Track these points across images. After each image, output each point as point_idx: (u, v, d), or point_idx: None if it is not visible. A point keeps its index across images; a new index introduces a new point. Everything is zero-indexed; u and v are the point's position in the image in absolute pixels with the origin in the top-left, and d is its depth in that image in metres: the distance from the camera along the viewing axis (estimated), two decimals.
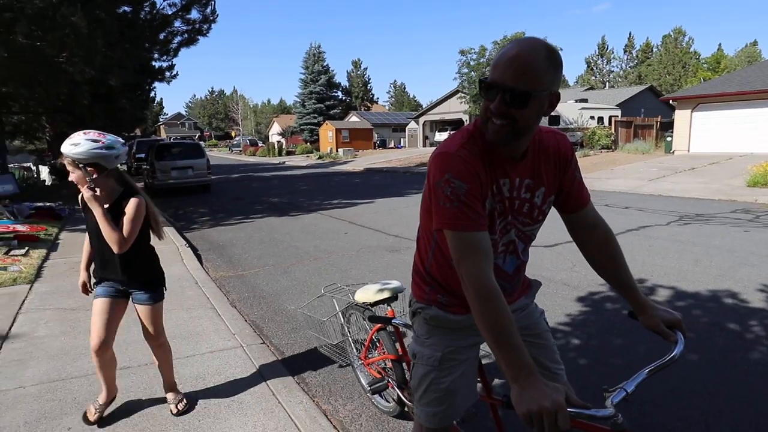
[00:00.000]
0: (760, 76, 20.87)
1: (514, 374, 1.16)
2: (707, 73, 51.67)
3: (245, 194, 14.32)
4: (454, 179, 1.31)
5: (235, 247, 7.11)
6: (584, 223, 1.57)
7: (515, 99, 1.24)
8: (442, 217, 1.32)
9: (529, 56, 1.23)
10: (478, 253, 1.29)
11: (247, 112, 69.64)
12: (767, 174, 12.38)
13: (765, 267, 5.35)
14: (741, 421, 2.56)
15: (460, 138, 1.39)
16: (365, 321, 2.69)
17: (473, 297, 1.26)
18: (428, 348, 1.58)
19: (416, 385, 1.60)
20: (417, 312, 1.63)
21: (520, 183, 1.43)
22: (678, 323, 1.43)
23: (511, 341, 1.19)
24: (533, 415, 1.08)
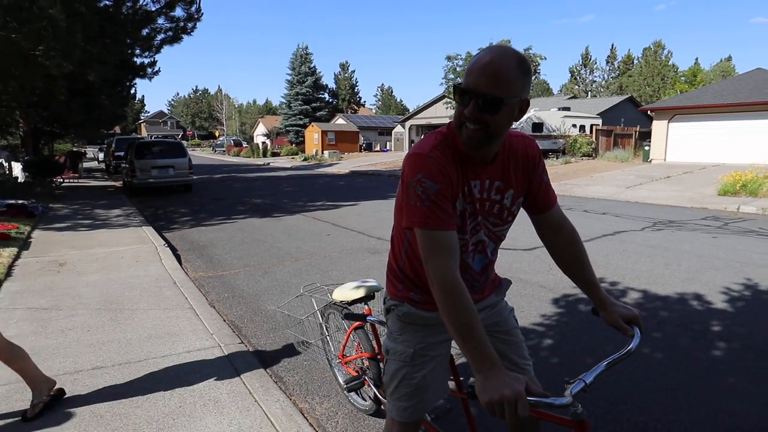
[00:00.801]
0: (732, 90, 21.50)
1: (478, 366, 1.22)
2: (684, 85, 52.91)
3: (228, 195, 14.23)
4: (426, 179, 1.35)
5: (216, 247, 7.08)
6: (551, 224, 1.62)
7: (488, 105, 1.28)
8: (413, 216, 1.36)
9: (502, 64, 1.28)
10: (446, 251, 1.33)
11: (232, 112, 69.03)
12: (737, 183, 12.77)
13: (729, 271, 5.56)
14: (700, 416, 2.67)
15: (433, 140, 1.43)
16: (343, 320, 2.73)
17: (439, 292, 1.31)
18: (401, 344, 1.62)
19: (389, 380, 1.65)
20: (390, 309, 1.67)
21: (491, 185, 1.48)
22: (635, 319, 1.50)
23: (475, 334, 1.24)
24: (494, 404, 1.14)
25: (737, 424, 2.62)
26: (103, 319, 4.00)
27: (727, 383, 3.05)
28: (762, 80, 21.62)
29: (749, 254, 6.40)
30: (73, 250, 6.50)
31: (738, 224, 8.83)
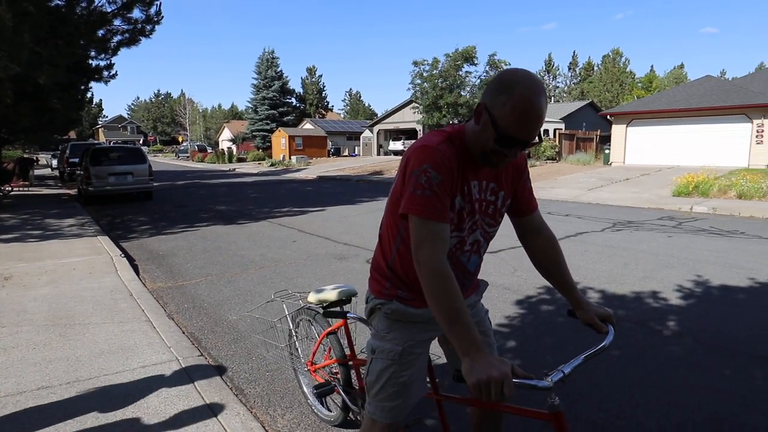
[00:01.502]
0: (684, 97, 22.47)
1: (465, 349, 1.26)
2: (641, 91, 55.03)
3: (191, 202, 13.87)
4: (431, 170, 1.40)
5: (177, 256, 6.87)
6: (531, 228, 1.71)
7: (530, 146, 1.41)
8: (412, 203, 1.39)
9: (544, 107, 1.35)
10: (438, 241, 1.38)
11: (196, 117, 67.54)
12: (690, 185, 13.32)
13: (682, 268, 5.77)
14: (655, 411, 2.74)
15: (440, 136, 1.49)
16: (314, 326, 2.67)
17: (429, 278, 1.35)
18: (388, 342, 1.61)
19: (374, 380, 1.62)
20: (376, 308, 1.67)
21: (486, 186, 1.56)
22: (609, 317, 1.59)
23: (463, 319, 1.30)
24: (482, 384, 1.19)
25: (689, 417, 2.70)
26: (50, 336, 3.80)
27: (680, 378, 3.14)
28: (711, 87, 22.68)
29: (701, 252, 6.65)
30: (20, 263, 6.18)
31: (691, 223, 9.19)
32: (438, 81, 26.85)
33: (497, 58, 27.00)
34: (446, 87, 26.81)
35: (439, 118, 27.31)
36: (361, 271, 5.86)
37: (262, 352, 3.55)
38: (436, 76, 26.92)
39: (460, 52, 26.43)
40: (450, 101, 26.43)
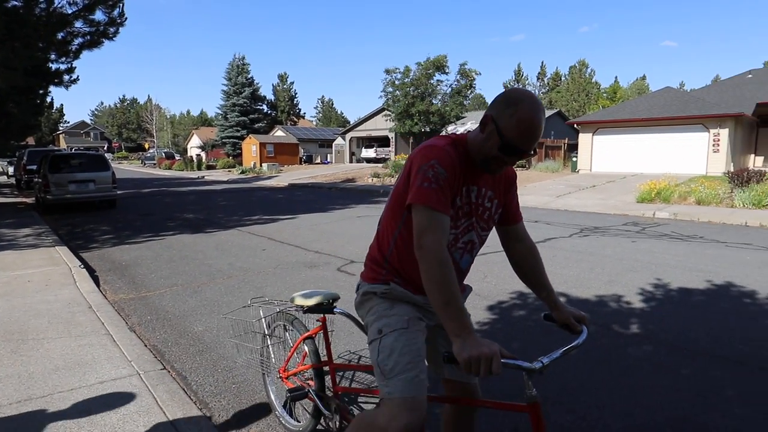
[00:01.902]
0: (646, 107, 23.29)
1: (457, 331, 1.37)
2: (606, 101, 56.77)
3: (157, 210, 13.51)
4: (439, 165, 1.52)
5: (140, 266, 6.66)
6: (515, 236, 1.86)
7: (527, 156, 1.56)
8: (419, 194, 1.50)
9: (543, 124, 1.51)
10: (441, 230, 1.49)
11: (163, 123, 66.09)
12: (652, 191, 13.77)
13: (645, 272, 5.93)
14: (619, 412, 2.78)
15: (446, 140, 1.63)
16: (290, 331, 2.61)
17: (430, 262, 1.44)
18: (394, 317, 1.67)
19: (387, 355, 1.60)
20: (371, 292, 1.73)
21: (485, 192, 1.70)
22: (583, 318, 1.72)
23: (458, 304, 1.43)
24: (473, 360, 1.30)
25: (652, 417, 2.75)
26: (1, 352, 3.60)
27: (644, 379, 3.20)
28: (670, 98, 23.58)
29: (663, 256, 6.86)
30: None
31: (654, 229, 9.48)
32: (410, 89, 27.08)
33: (468, 68, 27.47)
34: (418, 95, 27.06)
35: (411, 126, 27.52)
36: (332, 279, 5.80)
37: (233, 356, 3.45)
38: (408, 84, 27.15)
39: (432, 61, 26.75)
40: (422, 109, 26.68)
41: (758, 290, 5.19)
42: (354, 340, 3.88)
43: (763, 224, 9.89)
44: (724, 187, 13.81)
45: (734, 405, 2.88)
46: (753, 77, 27.09)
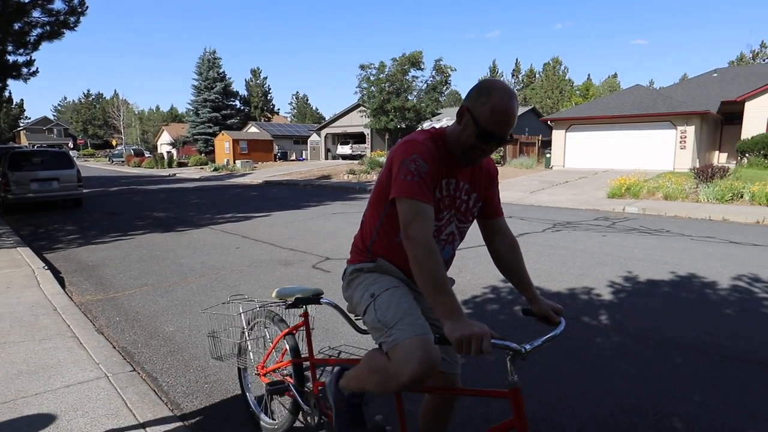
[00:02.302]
0: (617, 104, 23.83)
1: (448, 313, 1.41)
2: (579, 98, 57.91)
3: (125, 209, 13.17)
4: (420, 159, 1.58)
5: (108, 267, 6.49)
6: (497, 231, 1.90)
7: (504, 142, 1.60)
8: (402, 188, 1.56)
9: (516, 111, 1.58)
10: (426, 219, 1.54)
11: (132, 119, 64.36)
12: (622, 187, 14.12)
13: (615, 266, 6.09)
14: (588, 401, 2.85)
15: (425, 134, 1.69)
16: (270, 328, 2.59)
17: (421, 250, 1.49)
18: (385, 281, 1.74)
19: (385, 309, 1.64)
20: (358, 270, 1.81)
21: (462, 186, 1.75)
22: (561, 311, 1.78)
23: (447, 288, 1.47)
24: (464, 339, 1.33)
25: (618, 404, 2.83)
26: None
27: (612, 368, 3.29)
28: (640, 95, 24.18)
29: (631, 250, 7.05)
30: None
31: (623, 223, 9.73)
32: (385, 85, 27.06)
33: (443, 63, 27.59)
34: (393, 91, 27.07)
35: (386, 122, 27.53)
36: (307, 276, 5.77)
37: (208, 352, 3.37)
38: (383, 80, 27.12)
39: (407, 57, 26.79)
40: (397, 105, 26.71)
41: (720, 281, 5.38)
42: (329, 336, 3.88)
43: (725, 218, 10.25)
44: (690, 183, 14.26)
45: (695, 392, 2.98)
46: (718, 76, 28.02)
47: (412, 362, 1.47)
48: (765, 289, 5.10)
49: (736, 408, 2.80)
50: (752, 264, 6.17)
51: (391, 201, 1.61)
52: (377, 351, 1.68)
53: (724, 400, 2.88)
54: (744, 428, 2.60)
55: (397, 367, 1.52)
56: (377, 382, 1.64)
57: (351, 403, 1.84)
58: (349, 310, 1.93)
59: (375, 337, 1.68)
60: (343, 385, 1.86)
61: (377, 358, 1.65)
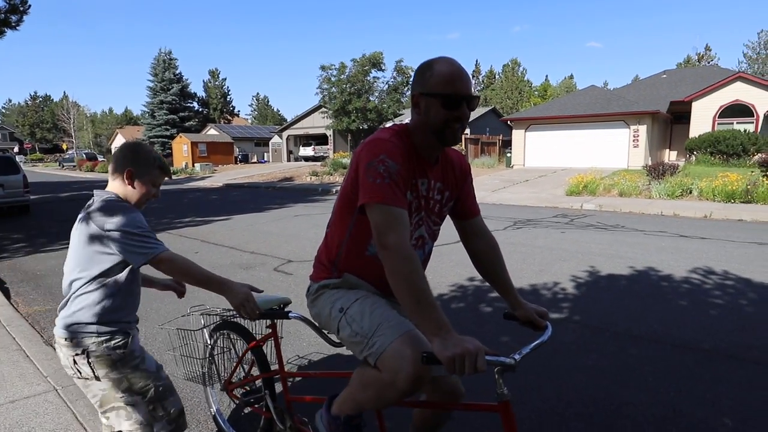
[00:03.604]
0: (573, 104, 24.61)
1: (435, 330, 1.27)
2: (538, 99, 59.50)
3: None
4: (388, 159, 1.43)
5: (58, 276, 6.11)
6: (474, 231, 1.80)
7: (471, 103, 1.49)
8: (372, 192, 1.40)
9: (463, 68, 1.50)
10: (402, 226, 1.39)
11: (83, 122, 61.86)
12: (580, 185, 14.57)
13: (573, 261, 6.27)
14: (547, 393, 2.91)
15: (389, 132, 1.55)
16: (236, 341, 2.44)
17: (398, 260, 1.34)
18: (353, 294, 1.61)
19: (359, 320, 1.52)
20: (324, 287, 1.68)
21: (434, 185, 1.63)
22: (545, 314, 1.71)
23: (432, 301, 1.31)
24: (457, 357, 1.20)
25: (578, 396, 2.91)
26: None
27: (570, 360, 3.37)
28: (595, 96, 25.03)
29: (589, 245, 7.28)
30: None
31: (581, 220, 10.04)
32: (346, 86, 26.99)
33: (404, 65, 27.76)
34: (354, 92, 27.03)
35: (348, 123, 27.47)
36: (268, 280, 5.67)
37: (173, 371, 3.25)
38: (344, 81, 27.05)
39: (368, 58, 26.81)
40: (358, 106, 26.69)
41: (672, 273, 5.62)
42: (301, 346, 3.82)
43: (676, 213, 10.73)
44: (643, 180, 14.86)
45: (648, 381, 3.09)
46: (667, 77, 29.33)
47: (405, 364, 1.34)
48: (712, 280, 5.36)
49: (686, 394, 2.91)
50: (700, 257, 6.47)
51: (360, 208, 1.47)
52: (365, 365, 1.52)
53: (675, 388, 2.99)
54: (694, 413, 2.72)
55: (390, 374, 1.38)
56: (373, 397, 1.47)
57: (351, 425, 1.64)
58: (320, 324, 1.79)
59: (357, 353, 1.53)
60: (337, 412, 1.65)
61: (367, 371, 1.50)
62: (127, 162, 1.89)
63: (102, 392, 1.84)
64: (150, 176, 1.93)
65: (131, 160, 1.90)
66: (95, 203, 1.87)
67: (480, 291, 4.98)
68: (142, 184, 1.90)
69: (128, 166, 1.89)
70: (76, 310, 1.80)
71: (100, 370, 1.80)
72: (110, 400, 1.85)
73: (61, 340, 1.81)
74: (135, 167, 1.89)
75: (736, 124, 22.01)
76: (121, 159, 1.90)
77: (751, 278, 5.38)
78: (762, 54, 51.30)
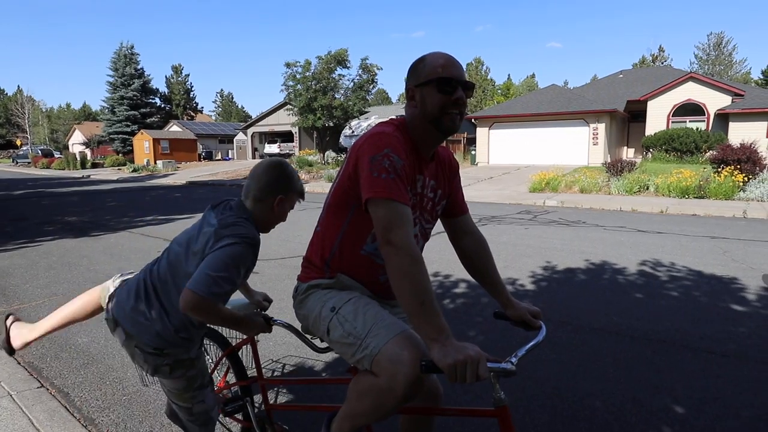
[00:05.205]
0: (535, 102, 25.16)
1: (434, 335, 1.22)
2: (501, 97, 60.57)
3: (32, 214, 12.07)
4: (393, 154, 1.39)
5: (12, 276, 5.91)
6: (463, 229, 1.77)
7: (468, 88, 1.47)
8: (377, 187, 1.35)
9: (454, 58, 1.50)
10: (408, 223, 1.35)
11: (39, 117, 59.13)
12: (542, 182, 14.93)
13: (537, 257, 6.43)
14: (513, 387, 2.97)
15: (392, 126, 1.51)
16: (209, 346, 2.33)
17: (403, 259, 1.29)
18: (346, 293, 1.54)
19: (352, 320, 1.44)
20: (314, 287, 1.59)
21: (428, 182, 1.59)
22: (539, 314, 1.67)
23: (435, 304, 1.26)
24: (458, 365, 1.16)
25: (540, 389, 2.99)
26: None
27: (533, 354, 3.44)
28: (556, 95, 25.66)
29: (551, 240, 7.48)
30: None
31: (544, 216, 10.30)
32: (311, 83, 26.74)
33: (369, 62, 27.70)
34: (320, 89, 26.81)
35: (314, 121, 27.24)
36: None
37: (136, 382, 3.17)
38: (309, 78, 26.79)
39: (333, 55, 26.61)
40: (324, 104, 26.49)
41: (630, 267, 5.84)
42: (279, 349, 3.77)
43: (634, 209, 11.15)
44: (602, 177, 15.36)
45: (609, 371, 3.21)
46: (624, 77, 30.37)
47: (403, 365, 1.27)
48: (668, 273, 5.60)
49: (644, 383, 3.04)
50: (657, 251, 6.75)
51: (356, 204, 1.43)
52: (358, 375, 1.45)
53: (634, 377, 3.12)
54: (651, 401, 2.84)
55: (387, 377, 1.29)
56: (372, 406, 1.36)
57: None
58: (304, 329, 1.69)
59: (348, 357, 1.44)
60: (337, 430, 1.54)
61: (362, 379, 1.41)
62: (280, 187, 1.77)
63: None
64: (291, 202, 1.82)
65: (285, 185, 1.78)
66: (228, 217, 1.72)
67: (444, 283, 5.04)
68: (285, 210, 1.81)
69: (280, 193, 1.76)
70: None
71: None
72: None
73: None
74: (286, 194, 1.78)
75: (689, 122, 23.04)
76: (274, 182, 1.76)
77: (704, 270, 5.65)
78: (712, 55, 53.83)
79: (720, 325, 3.98)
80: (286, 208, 1.81)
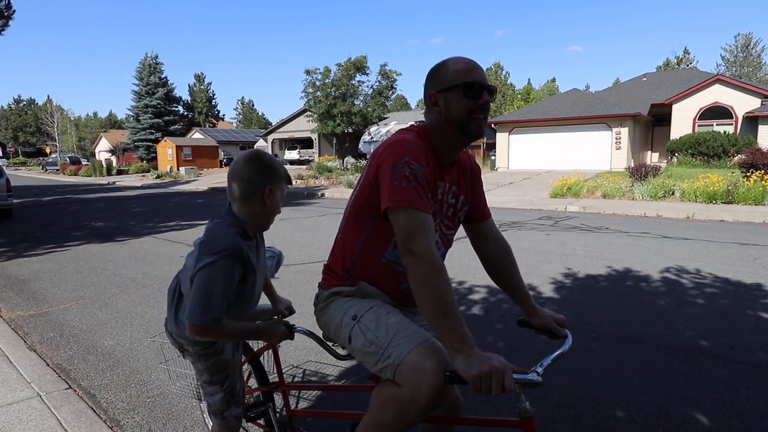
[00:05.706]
0: (556, 107, 24.90)
1: (459, 345, 1.21)
2: (521, 102, 60.05)
3: (61, 219, 12.41)
4: (414, 162, 1.38)
5: (42, 280, 6.08)
6: (486, 235, 1.75)
7: (491, 92, 1.46)
8: (398, 196, 1.34)
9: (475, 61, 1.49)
10: (430, 232, 1.33)
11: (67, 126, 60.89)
12: (564, 187, 14.74)
13: (558, 263, 6.34)
14: (537, 396, 2.92)
15: (413, 132, 1.50)
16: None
17: (428, 270, 1.28)
18: (368, 302, 1.53)
19: (374, 329, 1.43)
20: (335, 294, 1.58)
21: (450, 188, 1.58)
22: (564, 322, 1.65)
23: (457, 314, 1.25)
24: (483, 377, 1.14)
25: (563, 398, 2.93)
26: None
27: (556, 362, 3.39)
28: (577, 99, 25.35)
29: (573, 247, 7.36)
30: None
31: (565, 222, 10.15)
32: (331, 90, 26.96)
33: (388, 69, 27.81)
34: (339, 96, 27.01)
35: (333, 127, 27.43)
36: None
37: (164, 384, 3.23)
38: (329, 85, 27.02)
39: (352, 62, 26.80)
40: (343, 110, 26.66)
41: (654, 274, 5.72)
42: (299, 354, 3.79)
43: (659, 214, 10.92)
44: (625, 182, 15.08)
45: (634, 381, 3.14)
46: (647, 80, 29.85)
47: (426, 375, 1.26)
48: (695, 281, 5.46)
49: (672, 394, 2.96)
50: (683, 257, 6.59)
51: (377, 212, 1.41)
52: (381, 384, 1.43)
53: (660, 388, 3.04)
54: (678, 412, 2.77)
55: (411, 387, 1.28)
56: (394, 416, 1.35)
57: None
58: (325, 336, 1.69)
59: (371, 365, 1.42)
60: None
61: (384, 389, 1.40)
62: (265, 178, 1.67)
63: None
64: (281, 190, 1.73)
65: (270, 174, 1.68)
66: (210, 228, 1.71)
67: (460, 290, 5.01)
68: (277, 200, 1.71)
69: (268, 184, 1.67)
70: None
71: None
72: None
73: None
74: (273, 183, 1.69)
75: (716, 125, 22.50)
76: (258, 175, 1.66)
77: (732, 278, 5.50)
78: (740, 57, 52.55)
79: (750, 335, 3.86)
80: (278, 198, 1.72)
